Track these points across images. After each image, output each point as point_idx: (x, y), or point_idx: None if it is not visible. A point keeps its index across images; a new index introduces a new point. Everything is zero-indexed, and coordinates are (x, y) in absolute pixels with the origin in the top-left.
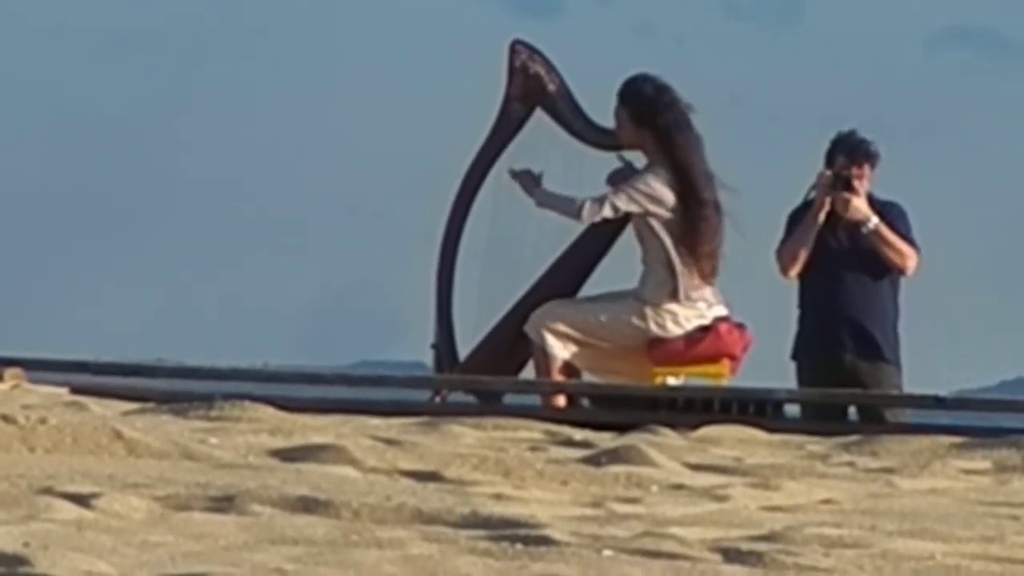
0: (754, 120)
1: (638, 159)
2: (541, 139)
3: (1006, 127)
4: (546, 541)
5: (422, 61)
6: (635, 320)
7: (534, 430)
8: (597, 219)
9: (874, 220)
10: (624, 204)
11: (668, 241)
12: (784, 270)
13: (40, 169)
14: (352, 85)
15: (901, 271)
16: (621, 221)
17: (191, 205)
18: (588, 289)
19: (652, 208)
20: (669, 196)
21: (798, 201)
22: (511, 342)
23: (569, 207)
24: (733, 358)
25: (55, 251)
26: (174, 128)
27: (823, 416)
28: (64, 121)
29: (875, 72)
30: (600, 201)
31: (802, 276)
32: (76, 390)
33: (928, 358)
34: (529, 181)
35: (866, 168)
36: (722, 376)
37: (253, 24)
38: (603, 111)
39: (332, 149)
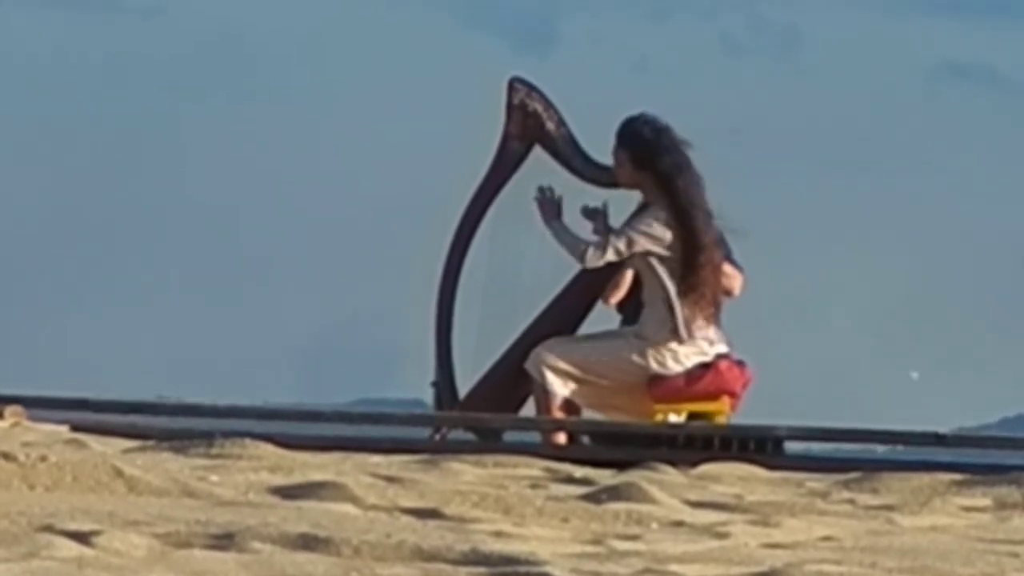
0: (754, 152)
1: (634, 198)
2: (540, 176)
3: (1005, 161)
4: None
5: (420, 95)
6: (635, 357)
7: (534, 467)
8: (600, 264)
9: None
10: (625, 247)
11: (668, 280)
12: (607, 299)
13: (37, 204)
14: (349, 119)
15: (727, 293)
16: (621, 260)
17: (189, 242)
18: (588, 327)
19: (653, 248)
20: (669, 236)
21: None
22: (511, 379)
23: (574, 249)
24: (733, 395)
25: (54, 289)
26: (171, 164)
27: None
28: (60, 154)
29: (874, 105)
30: (602, 247)
31: (621, 304)
32: (76, 427)
33: (928, 394)
34: (551, 210)
35: None
36: (722, 413)
37: (249, 56)
38: (601, 146)
39: (330, 186)
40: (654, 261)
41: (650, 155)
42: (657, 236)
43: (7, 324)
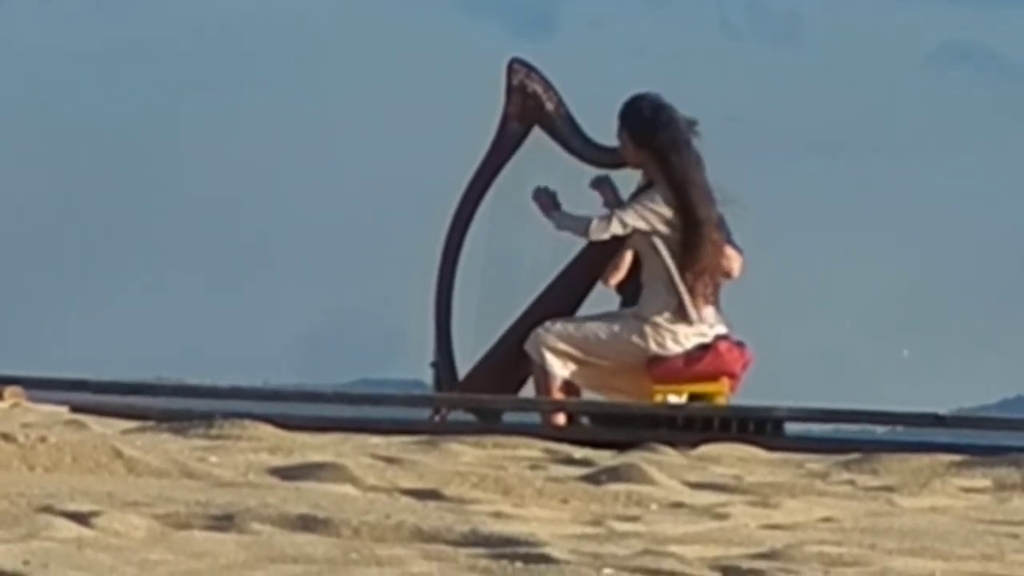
0: (754, 137)
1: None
2: (539, 157)
3: (1004, 144)
4: (546, 559)
5: (419, 80)
6: (635, 338)
7: (534, 448)
8: (606, 236)
9: None
10: (632, 220)
11: (669, 259)
12: (606, 280)
13: (38, 188)
14: (349, 104)
15: (727, 275)
16: (620, 240)
17: (190, 225)
18: (587, 308)
19: (658, 226)
20: (670, 213)
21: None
22: (511, 360)
23: (578, 227)
24: (733, 376)
25: (54, 270)
26: (173, 149)
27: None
28: (61, 141)
29: (874, 89)
30: (607, 218)
31: (621, 286)
32: (76, 408)
33: (928, 376)
34: (548, 204)
35: None
36: (722, 394)
37: (248, 42)
38: (601, 129)
39: (330, 168)
40: (656, 240)
41: (648, 132)
42: (661, 213)
43: (7, 306)
